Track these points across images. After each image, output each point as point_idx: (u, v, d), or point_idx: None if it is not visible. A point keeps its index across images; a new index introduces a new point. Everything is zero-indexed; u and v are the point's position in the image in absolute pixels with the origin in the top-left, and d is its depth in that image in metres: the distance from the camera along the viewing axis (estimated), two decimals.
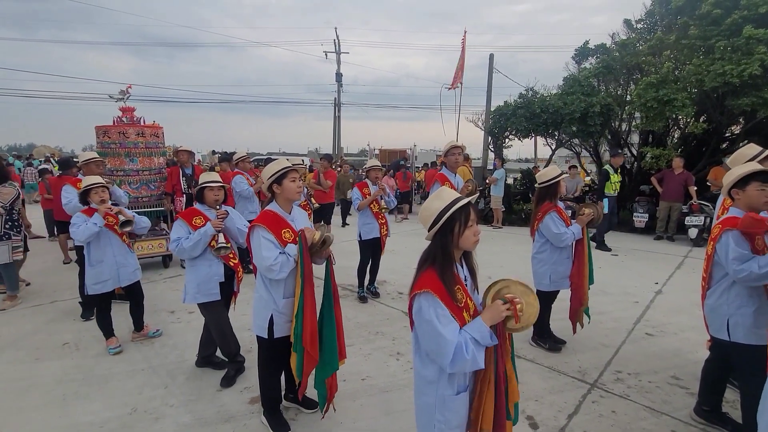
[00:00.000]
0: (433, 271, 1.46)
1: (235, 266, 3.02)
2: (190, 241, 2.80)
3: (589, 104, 8.95)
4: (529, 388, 2.93)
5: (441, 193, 1.51)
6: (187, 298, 2.93)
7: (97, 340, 3.68)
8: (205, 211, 2.96)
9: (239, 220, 3.11)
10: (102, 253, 3.38)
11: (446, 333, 1.37)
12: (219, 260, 2.94)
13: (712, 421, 2.52)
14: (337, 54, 23.83)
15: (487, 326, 1.41)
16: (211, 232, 2.85)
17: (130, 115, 5.66)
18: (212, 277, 2.90)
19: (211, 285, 2.90)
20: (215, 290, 2.92)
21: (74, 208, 4.07)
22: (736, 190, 2.24)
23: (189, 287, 2.92)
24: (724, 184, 2.33)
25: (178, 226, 2.89)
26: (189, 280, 2.92)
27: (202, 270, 2.89)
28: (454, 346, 1.36)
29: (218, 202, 2.99)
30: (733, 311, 2.26)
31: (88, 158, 4.44)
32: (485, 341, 1.40)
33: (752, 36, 6.89)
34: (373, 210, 4.53)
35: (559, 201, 3.34)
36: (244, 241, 3.05)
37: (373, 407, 2.73)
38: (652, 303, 4.61)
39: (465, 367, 1.39)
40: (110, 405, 2.74)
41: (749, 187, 2.20)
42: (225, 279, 2.97)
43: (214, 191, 2.96)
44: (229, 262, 2.99)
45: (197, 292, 2.89)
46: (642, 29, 10.23)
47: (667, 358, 3.36)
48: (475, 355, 1.37)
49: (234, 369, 3.04)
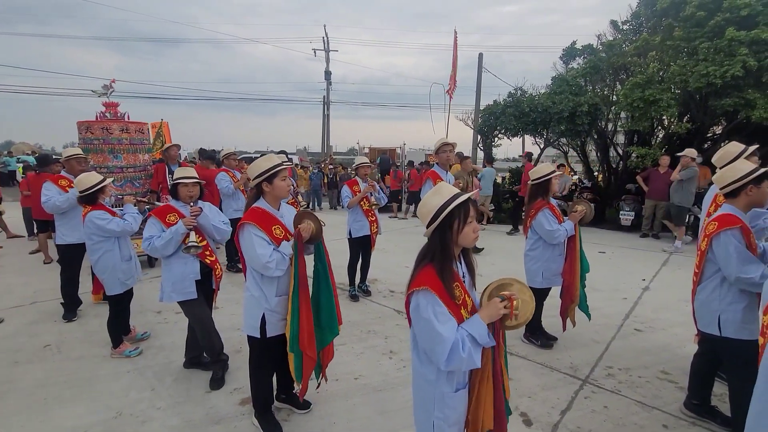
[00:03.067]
0: (431, 268, 1.44)
1: (212, 264, 2.92)
2: (162, 239, 2.70)
3: (577, 104, 9.06)
4: (523, 385, 2.94)
5: (440, 189, 1.48)
6: (164, 297, 2.83)
7: (80, 342, 3.57)
8: (179, 208, 2.85)
9: (216, 217, 3.00)
10: (129, 249, 3.38)
11: (443, 331, 1.35)
12: (195, 258, 2.83)
13: (702, 414, 2.56)
14: (326, 52, 23.67)
15: (485, 324, 1.40)
16: (183, 231, 2.73)
17: (114, 111, 5.50)
18: (187, 275, 2.80)
19: (186, 283, 2.80)
20: (191, 288, 2.82)
21: (53, 207, 3.95)
22: (752, 187, 2.21)
23: (165, 286, 2.83)
24: (729, 182, 2.27)
25: (151, 224, 2.79)
26: (164, 278, 2.83)
27: (177, 268, 2.79)
28: (451, 344, 1.34)
29: (193, 199, 2.87)
30: (724, 307, 2.29)
31: (70, 154, 4.31)
32: (483, 340, 1.38)
33: (734, 38, 7.05)
34: (363, 207, 4.49)
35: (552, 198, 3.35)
36: (222, 239, 2.98)
37: (367, 406, 2.70)
38: (640, 299, 4.68)
39: (461, 365, 1.37)
40: (94, 409, 2.65)
41: (764, 185, 2.21)
42: (202, 277, 2.87)
43: (188, 187, 2.84)
44: (206, 259, 2.89)
45: (173, 291, 2.80)
46: (628, 30, 10.39)
47: (656, 354, 3.41)
48: (471, 353, 1.35)
49: (221, 369, 2.96)
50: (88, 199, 3.25)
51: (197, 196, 2.90)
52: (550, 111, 9.27)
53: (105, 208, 3.32)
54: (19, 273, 5.58)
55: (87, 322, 4.01)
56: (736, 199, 2.26)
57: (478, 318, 1.41)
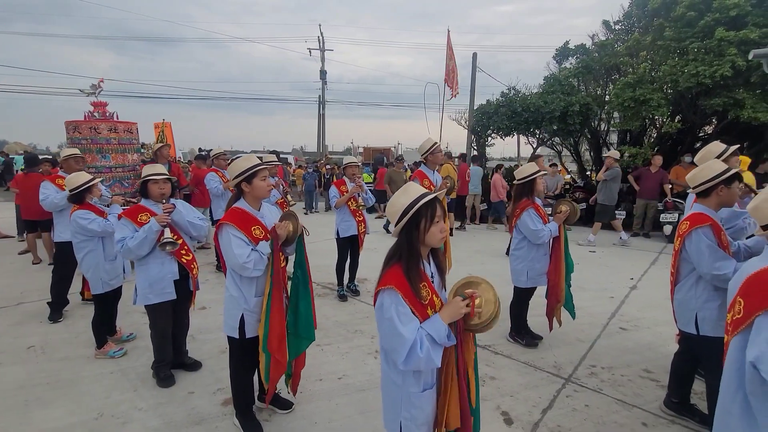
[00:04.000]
0: (398, 267, 1.44)
1: (188, 264, 2.86)
2: (135, 239, 2.63)
3: (568, 103, 9.10)
4: (506, 384, 2.95)
5: (407, 189, 1.48)
6: (138, 300, 2.78)
7: (65, 343, 3.55)
8: (151, 206, 2.78)
9: (191, 213, 2.94)
10: (113, 248, 3.31)
11: (404, 331, 1.35)
12: (172, 258, 2.79)
13: (681, 412, 2.58)
14: (321, 51, 23.62)
15: (445, 324, 1.39)
16: (156, 228, 2.64)
17: (102, 110, 5.47)
18: (165, 275, 2.76)
19: (164, 284, 2.76)
20: (170, 289, 2.78)
21: (51, 204, 3.99)
22: (723, 187, 2.25)
23: (140, 287, 2.76)
24: (701, 182, 2.30)
25: (122, 225, 2.71)
26: (140, 279, 2.76)
27: (154, 269, 2.74)
28: (410, 344, 1.34)
29: (165, 196, 2.78)
30: (700, 305, 2.32)
31: (68, 154, 4.37)
32: (441, 340, 1.38)
33: (724, 38, 7.10)
34: (350, 207, 4.50)
35: (537, 198, 3.36)
36: (199, 235, 2.94)
37: (348, 406, 2.70)
38: (627, 298, 4.70)
39: (419, 365, 1.37)
40: (75, 410, 2.64)
41: (734, 185, 2.25)
42: (180, 277, 2.83)
43: (159, 184, 2.75)
44: (182, 259, 2.83)
45: (150, 293, 2.74)
46: (620, 30, 10.45)
47: (640, 352, 3.43)
48: (430, 353, 1.35)
49: (163, 373, 2.93)
50: (76, 198, 3.27)
51: (169, 193, 2.82)
52: (542, 111, 9.31)
53: (92, 207, 3.31)
54: (6, 274, 5.54)
55: (73, 323, 3.99)
56: (707, 199, 2.29)
57: (438, 317, 1.40)
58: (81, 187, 3.24)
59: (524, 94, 10.34)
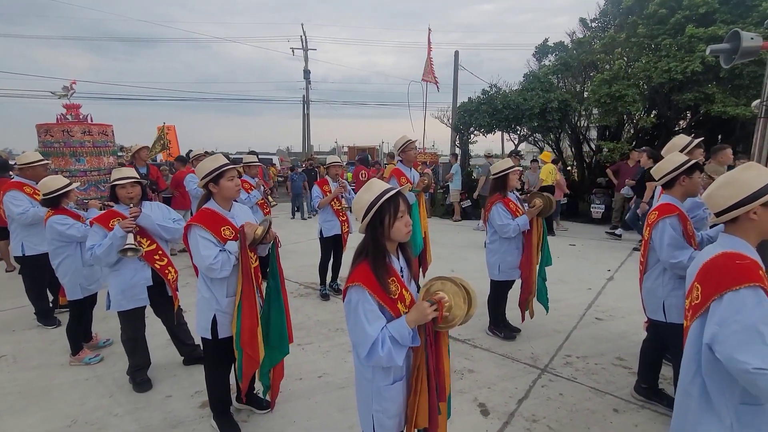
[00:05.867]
0: (366, 263, 1.46)
1: (162, 269, 2.81)
2: (102, 247, 2.57)
3: (547, 100, 9.24)
4: (483, 377, 3.00)
5: (370, 186, 1.50)
6: (111, 306, 2.74)
7: (38, 351, 3.47)
8: (124, 211, 2.73)
9: (166, 215, 2.89)
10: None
11: (369, 329, 1.37)
12: (145, 264, 2.75)
13: (650, 397, 2.67)
14: (304, 51, 23.45)
15: (409, 327, 1.39)
16: (120, 234, 2.58)
17: (75, 113, 5.35)
18: (138, 281, 2.72)
19: (137, 290, 2.72)
20: (143, 295, 2.75)
21: (35, 217, 3.64)
22: (684, 177, 2.34)
23: (113, 293, 2.72)
24: (666, 173, 2.38)
25: (94, 232, 2.65)
26: (112, 285, 2.72)
27: (127, 275, 2.70)
28: (372, 341, 1.36)
29: (133, 200, 2.72)
30: (667, 293, 2.40)
31: (35, 160, 3.93)
32: (405, 341, 1.39)
33: (694, 35, 7.31)
34: (333, 207, 4.50)
35: (510, 193, 3.41)
36: (172, 238, 2.88)
37: (328, 404, 2.71)
38: (604, 289, 4.82)
39: (380, 362, 1.39)
40: (49, 418, 2.59)
41: (695, 175, 2.34)
42: (154, 283, 2.80)
43: (126, 189, 2.69)
44: (155, 264, 2.77)
45: (123, 299, 2.71)
46: (596, 28, 10.65)
47: (614, 341, 3.52)
48: (391, 352, 1.36)
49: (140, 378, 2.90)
50: (52, 202, 3.16)
51: (138, 197, 2.76)
52: (521, 107, 9.43)
53: (68, 212, 3.22)
54: None
55: (47, 330, 3.90)
56: (672, 190, 2.37)
57: (403, 321, 1.41)
58: (58, 191, 3.14)
59: (505, 92, 10.46)
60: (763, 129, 2.27)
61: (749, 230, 1.37)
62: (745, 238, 1.37)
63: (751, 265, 1.28)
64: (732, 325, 1.24)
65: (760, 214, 1.32)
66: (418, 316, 1.40)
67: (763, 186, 1.31)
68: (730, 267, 1.30)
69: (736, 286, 1.25)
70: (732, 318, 1.24)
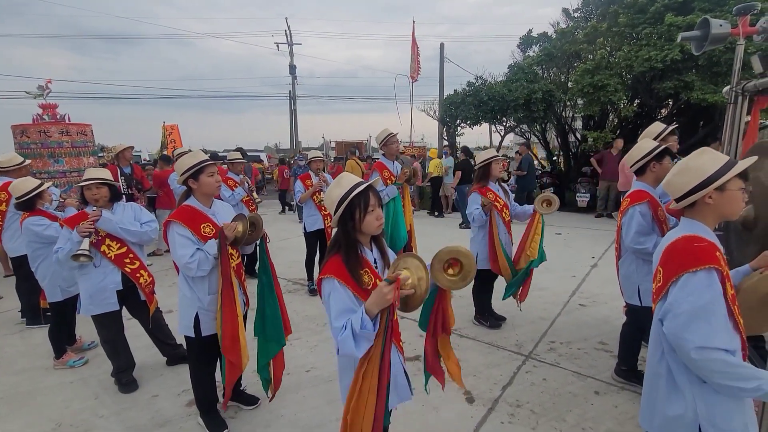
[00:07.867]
0: (338, 256, 1.47)
1: (133, 273, 2.72)
2: (64, 250, 2.50)
3: (531, 91, 9.29)
4: (469, 365, 3.04)
5: (341, 180, 1.51)
6: (82, 310, 2.70)
7: (21, 356, 3.43)
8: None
9: (134, 217, 2.80)
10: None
11: (335, 322, 1.38)
12: (115, 268, 2.68)
13: (630, 379, 2.74)
14: (289, 46, 23.18)
15: (372, 312, 1.31)
16: (77, 239, 2.49)
17: (52, 113, 5.24)
18: (107, 286, 2.66)
19: (106, 294, 2.66)
20: (112, 299, 2.70)
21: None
22: (654, 163, 2.39)
23: (82, 297, 2.68)
24: (636, 160, 2.43)
25: (62, 234, 2.59)
26: (82, 289, 2.68)
27: (95, 279, 2.64)
28: (337, 332, 1.36)
29: (99, 202, 2.64)
30: (642, 278, 2.46)
31: (17, 163, 3.92)
32: (366, 327, 1.29)
33: (673, 23, 7.40)
34: (315, 201, 4.50)
35: (491, 183, 3.45)
36: (140, 241, 2.79)
37: (316, 397, 2.73)
38: (588, 276, 4.91)
39: (345, 351, 1.33)
40: (33, 422, 2.57)
41: (665, 160, 2.38)
42: (127, 287, 2.74)
43: (91, 190, 2.60)
44: (125, 268, 2.69)
45: (91, 303, 2.66)
46: (579, 18, 10.72)
47: (596, 326, 3.60)
48: (346, 341, 1.30)
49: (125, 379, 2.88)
50: (26, 205, 3.10)
51: (106, 198, 2.67)
52: (506, 99, 9.48)
53: (44, 213, 3.17)
54: None
55: (30, 334, 3.85)
56: (644, 176, 2.42)
57: (363, 307, 1.34)
58: (30, 193, 3.09)
59: (490, 83, 10.50)
60: (732, 115, 2.32)
61: (707, 214, 1.41)
62: (704, 221, 1.41)
63: (708, 247, 1.32)
64: (682, 305, 1.28)
65: (715, 198, 1.36)
66: (377, 299, 1.29)
67: (716, 171, 1.34)
68: (688, 250, 1.34)
69: (694, 268, 1.29)
70: (684, 299, 1.29)
